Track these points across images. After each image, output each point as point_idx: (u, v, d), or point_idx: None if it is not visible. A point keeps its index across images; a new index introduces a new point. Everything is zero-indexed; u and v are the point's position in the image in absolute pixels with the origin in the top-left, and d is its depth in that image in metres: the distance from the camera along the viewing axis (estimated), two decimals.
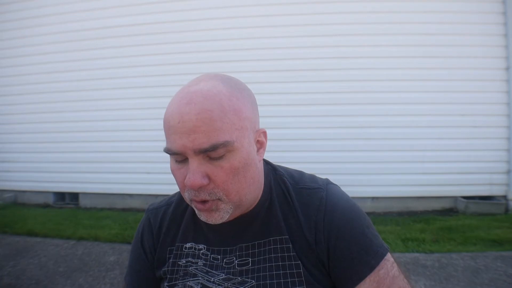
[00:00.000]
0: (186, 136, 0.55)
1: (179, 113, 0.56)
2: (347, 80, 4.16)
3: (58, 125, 4.73)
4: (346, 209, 0.65)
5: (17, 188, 4.95)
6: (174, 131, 0.56)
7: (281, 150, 4.00)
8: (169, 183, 0.93)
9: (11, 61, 4.85)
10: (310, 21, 4.20)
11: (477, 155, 4.09)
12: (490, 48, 4.06)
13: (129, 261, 0.79)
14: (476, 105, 4.08)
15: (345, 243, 0.62)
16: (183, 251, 0.71)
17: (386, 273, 0.61)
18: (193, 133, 0.54)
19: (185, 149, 0.56)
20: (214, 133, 0.54)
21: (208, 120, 0.54)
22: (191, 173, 0.56)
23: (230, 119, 0.56)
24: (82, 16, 4.59)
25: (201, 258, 0.69)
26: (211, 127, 0.54)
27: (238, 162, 0.58)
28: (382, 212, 4.14)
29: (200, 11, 4.35)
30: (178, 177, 0.61)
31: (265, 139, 0.66)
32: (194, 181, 0.56)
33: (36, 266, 2.83)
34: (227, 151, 0.56)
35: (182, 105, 0.56)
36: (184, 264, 0.69)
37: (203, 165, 0.57)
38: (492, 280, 2.41)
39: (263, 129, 0.65)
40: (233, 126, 0.56)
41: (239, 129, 0.58)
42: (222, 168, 0.57)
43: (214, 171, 0.57)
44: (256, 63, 4.24)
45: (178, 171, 0.60)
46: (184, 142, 0.55)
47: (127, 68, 4.50)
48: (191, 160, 0.56)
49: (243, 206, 0.63)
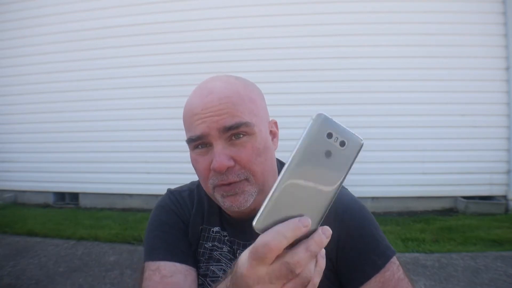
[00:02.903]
0: (210, 119, 0.59)
1: (202, 102, 0.60)
2: (347, 80, 4.16)
3: (58, 125, 4.73)
4: (356, 210, 0.66)
5: (17, 188, 4.95)
6: (198, 117, 0.60)
7: (281, 150, 3.98)
8: (169, 183, 0.93)
9: (11, 61, 4.85)
10: (310, 21, 4.20)
11: (477, 155, 4.09)
12: (490, 48, 4.05)
13: (153, 241, 0.71)
14: (476, 105, 4.08)
15: (354, 243, 0.63)
16: (210, 234, 0.72)
17: (392, 275, 0.61)
18: (217, 115, 0.58)
19: (210, 130, 0.59)
20: (237, 113, 0.59)
21: (230, 104, 0.59)
22: (217, 156, 0.58)
23: (248, 105, 0.61)
24: (82, 16, 4.59)
25: (226, 244, 0.70)
26: (233, 109, 0.59)
27: (258, 143, 0.61)
28: (382, 212, 4.14)
29: (200, 11, 4.35)
30: (201, 164, 0.62)
31: (277, 129, 0.71)
32: (221, 162, 0.58)
33: (36, 266, 2.83)
34: (248, 134, 0.60)
35: (204, 96, 0.61)
36: (210, 247, 0.70)
37: (227, 148, 0.59)
38: (492, 280, 2.41)
39: (274, 120, 0.70)
40: (251, 112, 0.61)
41: (256, 115, 0.62)
42: (245, 149, 0.60)
43: (238, 153, 0.60)
44: (256, 63, 4.24)
45: (201, 158, 0.62)
46: (209, 124, 0.59)
47: (127, 68, 4.50)
48: (216, 143, 0.59)
49: (265, 192, 0.64)
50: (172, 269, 0.65)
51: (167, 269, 0.65)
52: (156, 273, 0.65)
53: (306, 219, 0.34)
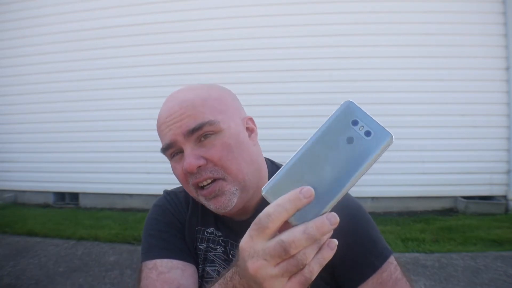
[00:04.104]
0: (174, 125, 0.60)
1: (165, 110, 0.63)
2: (347, 80, 4.16)
3: (58, 125, 4.72)
4: (351, 209, 0.66)
5: (17, 188, 4.95)
6: (164, 126, 0.62)
7: (281, 150, 3.97)
8: (169, 183, 0.93)
9: (11, 61, 4.85)
10: (310, 21, 4.19)
11: (477, 155, 4.09)
12: (490, 48, 4.05)
13: (149, 240, 0.71)
14: (476, 105, 4.08)
15: (350, 243, 0.62)
16: (205, 235, 0.72)
17: (389, 276, 0.61)
18: (180, 120, 0.60)
19: (176, 137, 0.60)
20: (198, 115, 0.60)
21: (191, 107, 0.60)
22: (186, 158, 0.59)
23: (211, 104, 0.62)
24: (82, 16, 4.59)
25: (221, 244, 0.70)
26: (194, 111, 0.60)
27: (228, 139, 0.61)
28: (382, 212, 4.14)
29: (200, 11, 4.35)
30: (178, 170, 0.63)
31: (254, 125, 0.70)
32: (190, 162, 0.58)
33: (36, 266, 2.83)
34: (215, 132, 0.60)
35: (167, 104, 0.63)
36: (204, 248, 0.71)
37: (196, 150, 0.60)
38: (492, 280, 2.41)
39: (249, 116, 0.69)
40: (215, 109, 0.62)
41: (222, 112, 0.62)
42: (215, 146, 0.60)
43: (208, 152, 0.60)
44: (256, 63, 4.23)
45: (177, 165, 0.63)
46: (174, 131, 0.60)
47: (127, 68, 4.50)
48: (185, 148, 0.60)
49: (249, 189, 0.64)
50: (168, 265, 0.65)
51: (163, 265, 0.65)
52: (153, 271, 0.65)
53: (308, 190, 0.33)
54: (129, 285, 2.50)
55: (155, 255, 0.68)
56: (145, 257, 0.69)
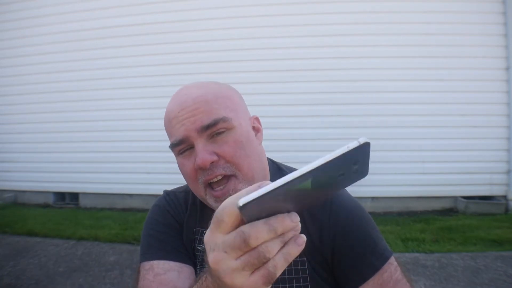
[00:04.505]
0: (187, 120, 0.59)
1: (178, 105, 0.61)
2: (347, 80, 4.16)
3: (58, 125, 4.73)
4: (351, 209, 0.66)
5: (17, 188, 4.95)
6: (176, 121, 0.60)
7: (281, 150, 3.99)
8: (169, 183, 0.93)
9: (11, 61, 4.85)
10: (310, 21, 4.19)
11: (477, 155, 4.09)
12: (490, 48, 4.05)
13: (147, 241, 0.72)
14: (476, 105, 4.08)
15: (350, 243, 0.63)
16: (203, 236, 0.71)
17: (390, 277, 0.61)
18: (193, 116, 0.59)
19: (189, 132, 0.59)
20: (212, 111, 0.60)
21: (204, 102, 0.60)
22: (199, 153, 0.59)
23: (223, 101, 0.62)
24: (82, 16, 4.59)
25: None
26: (208, 107, 0.60)
27: (240, 136, 0.61)
28: (382, 212, 4.14)
29: (200, 11, 4.35)
30: (187, 166, 0.62)
31: (260, 125, 0.70)
32: (204, 158, 0.58)
33: (36, 266, 2.83)
34: (228, 129, 0.60)
35: (179, 99, 0.62)
36: (202, 249, 0.70)
37: (209, 145, 0.60)
38: (492, 280, 2.41)
39: (255, 116, 0.70)
40: (228, 107, 0.62)
41: (234, 110, 0.63)
42: (227, 143, 0.60)
43: (220, 148, 0.60)
44: (256, 63, 4.23)
45: (186, 161, 0.62)
46: (187, 126, 0.59)
47: (127, 68, 4.50)
48: (196, 143, 0.60)
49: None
50: (165, 267, 0.66)
51: (160, 267, 0.66)
52: (149, 272, 0.66)
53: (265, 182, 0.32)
54: (129, 285, 2.50)
55: (152, 256, 0.68)
56: (143, 258, 0.70)
